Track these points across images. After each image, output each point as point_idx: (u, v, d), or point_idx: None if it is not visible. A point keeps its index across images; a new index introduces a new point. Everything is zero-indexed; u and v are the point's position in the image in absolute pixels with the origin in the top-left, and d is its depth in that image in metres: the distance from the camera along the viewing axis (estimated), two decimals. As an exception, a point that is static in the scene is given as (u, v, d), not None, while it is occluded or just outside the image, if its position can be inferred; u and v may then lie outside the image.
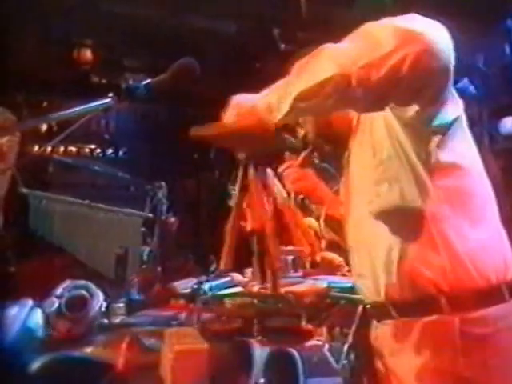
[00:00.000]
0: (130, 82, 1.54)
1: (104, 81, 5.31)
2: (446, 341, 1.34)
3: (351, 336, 1.71)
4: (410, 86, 1.28)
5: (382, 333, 1.50)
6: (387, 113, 1.41)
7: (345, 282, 2.21)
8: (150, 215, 2.64)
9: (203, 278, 2.50)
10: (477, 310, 1.33)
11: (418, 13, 1.34)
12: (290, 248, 3.19)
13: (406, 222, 1.43)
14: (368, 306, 1.58)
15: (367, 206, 1.50)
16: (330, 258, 4.04)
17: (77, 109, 1.41)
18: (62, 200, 2.14)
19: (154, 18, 4.84)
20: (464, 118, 1.46)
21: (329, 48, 1.35)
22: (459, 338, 1.32)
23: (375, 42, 1.28)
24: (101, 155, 4.58)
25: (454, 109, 1.41)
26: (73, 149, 4.31)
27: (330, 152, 1.83)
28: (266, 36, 4.61)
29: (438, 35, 1.29)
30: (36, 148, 2.92)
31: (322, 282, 2.29)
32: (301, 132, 1.82)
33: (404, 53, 1.24)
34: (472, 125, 1.50)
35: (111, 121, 5.05)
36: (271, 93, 1.43)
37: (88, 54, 5.10)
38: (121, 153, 5.09)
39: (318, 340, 1.80)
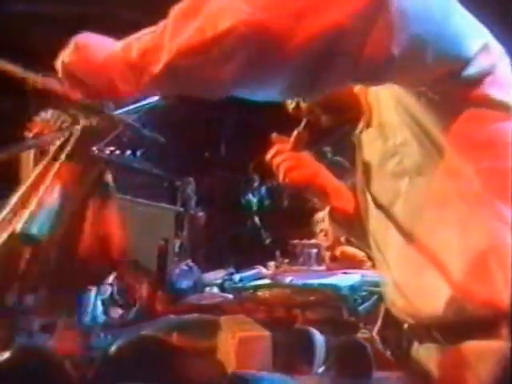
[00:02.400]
0: None
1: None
2: (500, 369, 1.01)
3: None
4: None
5: (426, 355, 1.18)
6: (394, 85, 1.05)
7: (377, 276, 2.13)
8: (181, 209, 2.63)
9: (232, 269, 2.49)
10: None
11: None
12: (313, 241, 3.18)
13: (443, 228, 1.07)
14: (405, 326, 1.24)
15: (389, 208, 1.17)
16: (351, 252, 3.95)
17: (125, 109, 1.38)
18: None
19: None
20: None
21: None
22: None
23: None
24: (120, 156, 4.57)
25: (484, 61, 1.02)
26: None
27: (328, 126, 1.35)
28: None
29: None
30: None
31: (355, 276, 2.25)
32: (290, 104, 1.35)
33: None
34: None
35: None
36: (132, 44, 0.93)
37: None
38: (138, 154, 5.09)
39: (363, 333, 1.72)
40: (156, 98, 1.36)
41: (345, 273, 2.46)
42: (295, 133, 1.39)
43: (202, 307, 1.98)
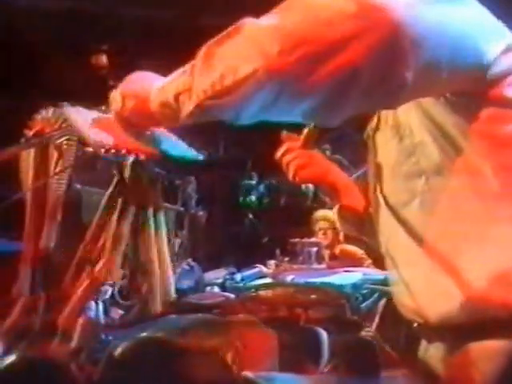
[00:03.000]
0: None
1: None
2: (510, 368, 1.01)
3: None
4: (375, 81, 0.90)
5: (435, 354, 1.16)
6: None
7: (378, 274, 2.13)
8: (182, 209, 2.59)
9: (233, 268, 2.46)
10: None
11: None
12: (313, 240, 3.16)
13: (460, 227, 1.05)
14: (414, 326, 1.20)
15: (402, 209, 1.15)
16: (350, 250, 3.97)
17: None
18: (108, 194, 2.08)
19: (166, 19, 4.80)
20: None
21: (251, 25, 0.93)
22: None
23: (320, 18, 0.89)
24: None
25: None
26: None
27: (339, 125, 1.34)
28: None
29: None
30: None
31: (357, 274, 2.23)
32: None
33: (362, 39, 0.87)
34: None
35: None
36: (168, 87, 1.04)
37: (104, 59, 5.07)
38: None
39: (367, 332, 1.70)
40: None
41: (346, 271, 2.43)
42: (305, 131, 1.39)
43: (203, 307, 1.95)
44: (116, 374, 1.17)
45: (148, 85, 1.10)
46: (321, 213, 4.31)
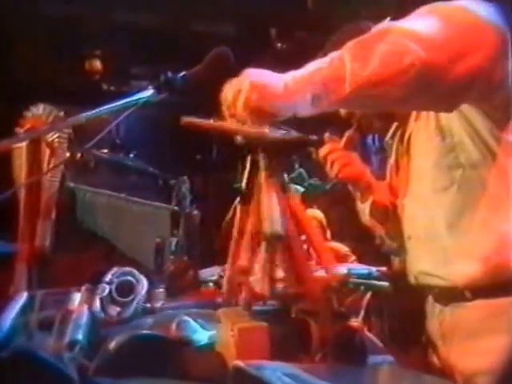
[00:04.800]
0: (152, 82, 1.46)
1: (113, 88, 5.27)
2: None
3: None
4: (489, 83, 1.18)
5: (451, 316, 1.40)
6: None
7: (363, 269, 2.19)
8: (176, 208, 2.59)
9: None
10: None
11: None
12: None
13: (486, 209, 1.30)
14: (435, 290, 1.44)
15: (442, 193, 1.37)
16: (335, 247, 4.04)
17: (118, 103, 1.35)
18: (102, 193, 2.09)
19: (155, 26, 4.79)
20: None
21: (402, 28, 1.15)
22: None
23: (459, 28, 1.15)
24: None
25: None
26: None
27: (379, 129, 1.58)
28: (263, 36, 4.53)
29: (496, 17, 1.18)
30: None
31: (342, 269, 2.25)
32: None
33: (487, 49, 1.14)
34: None
35: (121, 126, 5.02)
36: (314, 75, 1.15)
37: (98, 64, 5.06)
38: (131, 156, 5.08)
39: (355, 322, 1.73)
40: (147, 93, 1.34)
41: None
42: (347, 134, 1.59)
43: (197, 302, 1.96)
44: (111, 367, 1.17)
45: (275, 76, 1.19)
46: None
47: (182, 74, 1.43)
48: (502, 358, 1.21)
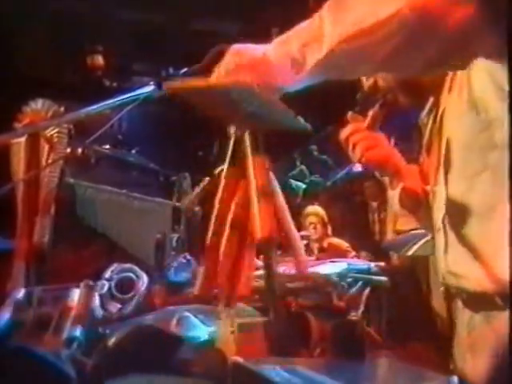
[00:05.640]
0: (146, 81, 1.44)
1: (115, 84, 5.25)
2: None
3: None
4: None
5: (482, 325, 1.20)
6: (488, 61, 1.05)
7: (362, 264, 2.20)
8: (178, 204, 2.59)
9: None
10: None
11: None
12: (302, 233, 3.17)
13: None
14: (463, 294, 1.25)
15: (470, 180, 1.18)
16: (336, 243, 4.05)
17: (119, 98, 1.33)
18: (102, 189, 2.08)
19: (157, 23, 4.78)
20: None
21: None
22: None
23: None
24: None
25: None
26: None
27: (405, 106, 1.35)
28: (265, 35, 4.53)
29: None
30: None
31: (341, 264, 2.26)
32: (366, 80, 1.33)
33: None
34: None
35: (123, 122, 5.00)
36: (291, 39, 1.04)
37: (100, 59, 5.04)
38: (133, 152, 5.07)
39: (353, 316, 1.72)
40: (148, 89, 1.32)
41: (332, 261, 2.46)
42: (371, 112, 1.37)
43: (199, 299, 1.95)
44: (110, 363, 1.16)
45: (258, 48, 1.10)
46: (311, 209, 4.40)
47: (183, 70, 1.41)
48: None
